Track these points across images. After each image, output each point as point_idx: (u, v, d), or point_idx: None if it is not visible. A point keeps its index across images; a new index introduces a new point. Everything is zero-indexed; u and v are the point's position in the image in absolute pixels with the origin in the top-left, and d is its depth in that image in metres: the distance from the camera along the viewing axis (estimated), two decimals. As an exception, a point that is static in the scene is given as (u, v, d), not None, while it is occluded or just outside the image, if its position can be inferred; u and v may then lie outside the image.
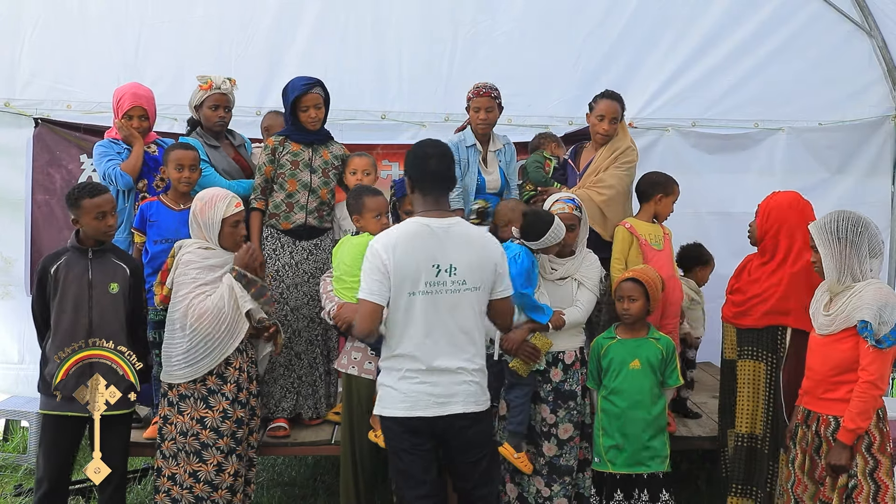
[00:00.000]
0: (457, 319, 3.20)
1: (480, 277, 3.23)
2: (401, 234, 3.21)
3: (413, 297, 3.16)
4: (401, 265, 3.14)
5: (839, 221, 3.40)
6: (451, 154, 3.34)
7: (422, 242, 3.18)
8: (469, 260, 3.21)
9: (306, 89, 4.35)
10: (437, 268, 3.17)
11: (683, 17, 5.98)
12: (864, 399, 3.31)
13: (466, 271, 3.20)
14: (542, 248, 3.93)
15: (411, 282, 3.15)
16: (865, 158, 6.14)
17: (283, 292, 4.40)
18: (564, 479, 3.95)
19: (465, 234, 3.26)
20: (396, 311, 3.18)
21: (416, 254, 3.16)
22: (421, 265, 3.16)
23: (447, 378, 3.19)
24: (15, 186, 5.63)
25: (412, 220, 3.25)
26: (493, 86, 4.55)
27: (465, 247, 3.22)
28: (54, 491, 3.88)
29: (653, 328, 4.05)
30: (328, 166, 4.48)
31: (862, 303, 3.31)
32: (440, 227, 3.21)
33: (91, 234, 3.86)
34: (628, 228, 4.39)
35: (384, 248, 3.16)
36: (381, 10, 5.90)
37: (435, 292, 3.17)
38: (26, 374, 5.73)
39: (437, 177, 3.25)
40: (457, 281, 3.19)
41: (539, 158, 4.73)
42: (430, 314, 3.17)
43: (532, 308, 3.89)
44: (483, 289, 3.26)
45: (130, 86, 4.56)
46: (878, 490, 3.35)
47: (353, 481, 4.04)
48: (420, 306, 3.17)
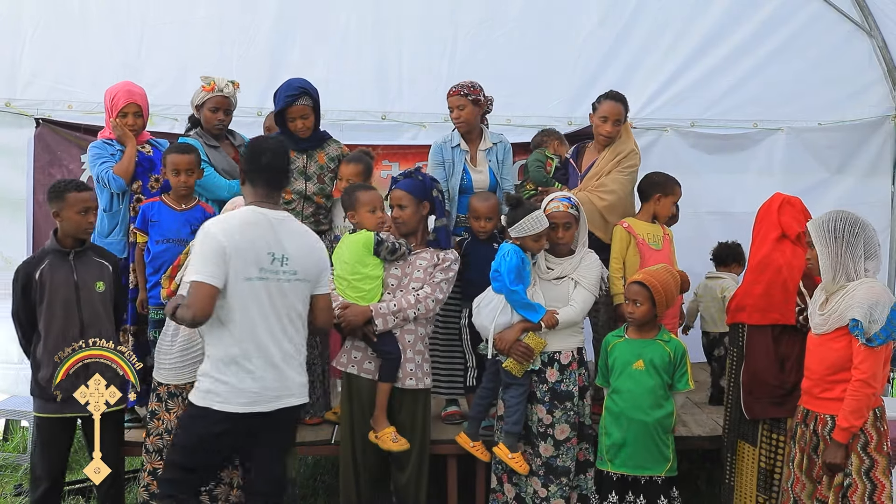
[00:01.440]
0: (286, 308, 3.26)
1: (308, 269, 3.33)
2: (236, 219, 3.25)
3: (249, 282, 3.18)
4: (240, 250, 3.16)
5: (837, 221, 3.41)
6: (285, 152, 3.40)
7: (258, 230, 3.23)
8: (300, 252, 3.30)
9: (290, 101, 4.34)
10: (271, 255, 3.23)
11: (683, 17, 6.00)
12: (857, 397, 3.31)
13: (297, 262, 3.28)
14: (520, 236, 3.91)
15: (247, 267, 3.17)
16: (865, 158, 6.15)
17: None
18: (561, 479, 3.94)
19: (296, 228, 3.38)
20: (231, 296, 3.17)
21: (255, 240, 3.20)
22: (258, 252, 3.20)
23: (282, 368, 3.24)
24: (16, 186, 5.65)
25: (248, 208, 3.31)
26: (466, 83, 4.52)
27: (296, 239, 3.32)
28: (52, 490, 3.93)
29: (664, 330, 4.02)
30: (324, 171, 4.47)
31: (853, 302, 3.32)
32: (276, 217, 3.28)
33: (71, 229, 3.85)
34: (626, 228, 4.40)
35: (223, 231, 3.18)
36: (382, 11, 5.92)
37: (269, 279, 3.22)
38: (26, 374, 5.65)
39: (269, 171, 3.30)
40: (288, 271, 3.26)
41: (540, 158, 4.71)
42: (263, 301, 3.21)
43: (523, 306, 3.89)
44: (310, 282, 3.35)
45: (123, 84, 4.55)
46: (874, 489, 3.35)
47: (353, 481, 4.04)
48: (255, 293, 3.19)
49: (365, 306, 3.93)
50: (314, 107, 4.41)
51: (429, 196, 4.11)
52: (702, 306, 5.19)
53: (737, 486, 4.04)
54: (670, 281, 3.95)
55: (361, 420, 4.00)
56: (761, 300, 3.91)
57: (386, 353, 3.96)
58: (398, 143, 5.91)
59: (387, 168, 5.75)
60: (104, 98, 4.53)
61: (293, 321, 3.30)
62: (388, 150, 5.80)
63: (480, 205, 4.30)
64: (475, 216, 4.32)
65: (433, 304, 4.01)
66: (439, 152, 4.58)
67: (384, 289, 4.02)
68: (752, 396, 3.94)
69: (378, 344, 3.96)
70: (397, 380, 3.97)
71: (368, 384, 3.98)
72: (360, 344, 4.01)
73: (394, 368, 3.96)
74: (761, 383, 3.90)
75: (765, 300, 3.90)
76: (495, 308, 3.94)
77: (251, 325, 3.19)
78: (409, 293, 3.98)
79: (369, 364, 4.00)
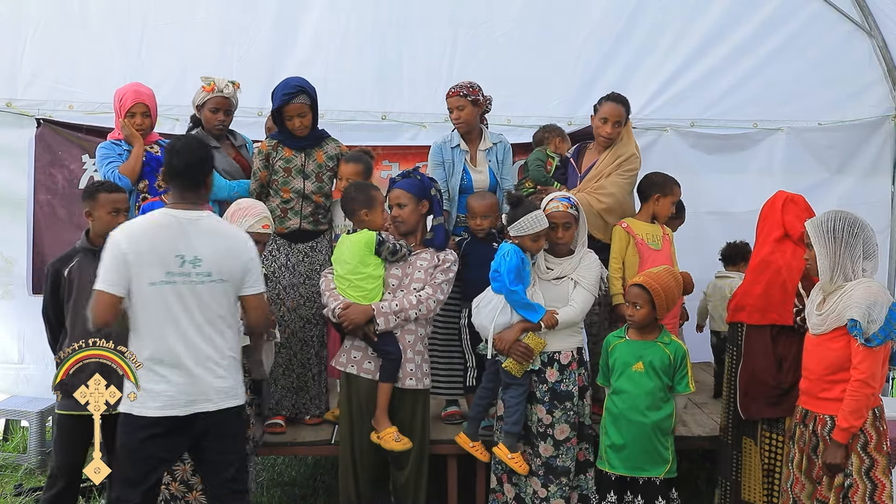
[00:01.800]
0: (203, 311, 3.20)
1: (227, 270, 3.24)
2: (144, 224, 3.23)
3: (154, 287, 3.14)
4: (141, 255, 3.13)
5: (836, 221, 3.41)
6: (197, 152, 3.30)
7: (165, 233, 3.18)
8: (215, 252, 3.22)
9: (287, 100, 4.32)
10: (180, 258, 3.16)
11: (683, 17, 5.98)
12: (856, 398, 3.31)
13: (211, 263, 3.20)
14: (518, 235, 3.91)
15: (151, 272, 3.13)
16: (865, 158, 6.14)
17: (279, 293, 4.42)
18: (561, 479, 3.95)
19: (214, 227, 3.28)
20: (137, 301, 3.16)
21: (159, 244, 3.16)
22: (163, 255, 3.15)
23: (196, 373, 3.17)
24: (17, 186, 5.65)
25: (159, 211, 3.29)
26: (465, 84, 4.53)
27: (211, 239, 3.23)
28: (68, 489, 3.95)
29: (665, 332, 4.01)
30: (322, 169, 4.46)
31: (851, 301, 3.32)
32: (187, 218, 3.22)
33: (101, 229, 3.85)
34: (625, 228, 4.41)
35: (125, 237, 3.16)
36: (382, 12, 5.92)
37: (178, 283, 3.16)
38: (26, 374, 5.75)
39: (178, 172, 3.27)
40: (201, 273, 3.18)
41: (541, 156, 4.71)
42: (173, 306, 3.16)
43: (522, 306, 3.89)
44: (231, 281, 3.26)
45: (132, 85, 4.58)
46: (874, 489, 3.35)
47: (352, 480, 4.05)
48: (162, 297, 3.15)
49: (367, 305, 3.94)
50: (312, 105, 4.40)
51: (427, 195, 4.12)
52: (711, 305, 5.20)
53: (744, 480, 4.03)
54: (672, 283, 3.94)
55: (360, 420, 4.01)
56: (760, 300, 3.92)
57: (386, 352, 3.97)
58: (398, 143, 5.91)
59: (387, 168, 5.75)
60: (113, 98, 4.55)
61: (213, 323, 3.22)
62: (388, 150, 5.80)
63: (476, 203, 4.31)
64: (471, 214, 4.33)
65: (434, 304, 4.02)
66: (439, 152, 4.58)
67: (384, 288, 4.03)
68: (749, 397, 3.95)
69: (379, 344, 3.97)
70: (397, 380, 3.97)
71: (368, 384, 3.99)
72: (359, 344, 4.02)
73: (394, 368, 3.97)
74: (759, 383, 3.91)
75: (764, 300, 3.90)
76: (495, 308, 3.94)
77: (160, 329, 3.15)
78: (411, 293, 3.98)
79: (369, 364, 4.00)
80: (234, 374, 3.30)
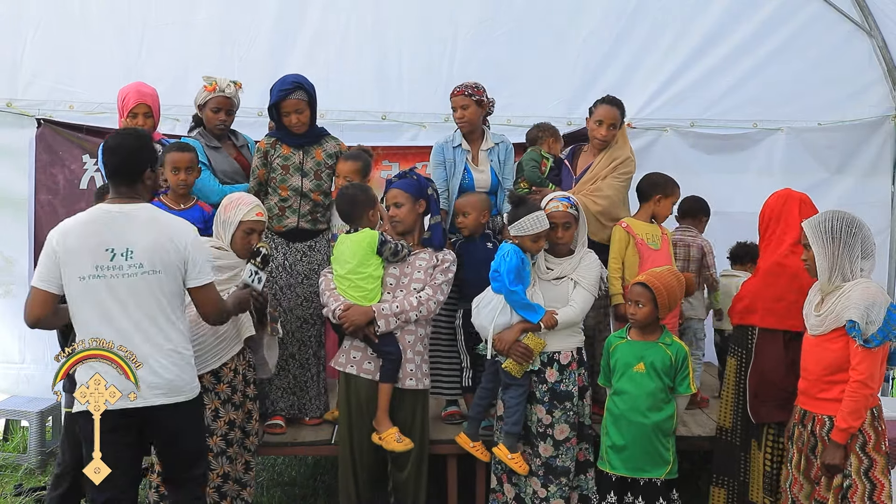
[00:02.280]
0: (140, 305, 3.15)
1: (161, 260, 3.17)
2: (76, 219, 3.21)
3: (84, 281, 3.12)
4: (70, 250, 3.13)
5: (834, 221, 3.41)
6: (129, 147, 3.24)
7: (96, 227, 3.17)
8: (148, 243, 3.16)
9: (283, 95, 4.30)
10: (111, 251, 3.13)
11: (683, 17, 5.99)
12: (855, 398, 3.31)
13: (144, 254, 3.15)
14: (519, 235, 3.92)
15: (81, 266, 3.12)
16: (865, 158, 6.14)
17: (276, 293, 4.41)
18: (561, 480, 3.95)
19: (150, 219, 3.22)
20: (69, 296, 3.16)
21: (88, 238, 3.14)
22: (92, 249, 3.13)
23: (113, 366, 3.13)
24: (17, 186, 5.67)
25: (94, 207, 3.27)
26: (470, 84, 4.52)
27: (145, 230, 3.18)
28: (72, 488, 3.97)
29: (667, 332, 4.01)
30: (321, 167, 4.45)
31: (850, 302, 3.32)
32: (121, 211, 3.18)
33: None
34: (625, 228, 4.41)
35: (58, 235, 3.17)
36: (382, 12, 5.92)
37: (109, 276, 3.12)
38: (27, 374, 5.76)
39: (111, 170, 3.25)
40: (133, 265, 3.14)
41: (536, 157, 4.71)
42: (106, 300, 3.13)
43: (522, 307, 3.89)
44: (167, 273, 3.19)
45: (134, 84, 4.57)
46: (873, 489, 3.35)
47: (352, 480, 4.05)
48: (93, 291, 3.13)
49: (367, 307, 3.94)
50: (310, 101, 4.38)
51: (424, 195, 4.13)
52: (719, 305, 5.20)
53: (751, 481, 4.01)
54: (674, 283, 3.94)
55: (360, 420, 4.01)
56: (777, 305, 3.86)
57: (387, 353, 3.97)
58: (398, 143, 5.91)
59: (387, 168, 5.75)
60: (116, 98, 4.55)
61: (151, 317, 3.17)
62: (387, 150, 5.81)
63: (459, 200, 4.31)
64: (456, 211, 4.33)
65: (434, 305, 4.03)
66: (440, 152, 4.59)
67: (383, 288, 4.03)
68: (758, 399, 3.91)
69: (379, 344, 3.97)
70: (398, 380, 3.98)
71: (367, 384, 3.99)
72: (359, 344, 4.02)
73: (395, 369, 3.97)
74: (769, 385, 3.87)
75: (781, 305, 3.84)
76: (494, 308, 3.94)
77: (93, 324, 3.14)
78: (411, 294, 3.99)
79: (369, 364, 4.01)
80: (176, 369, 3.21)
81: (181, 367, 3.25)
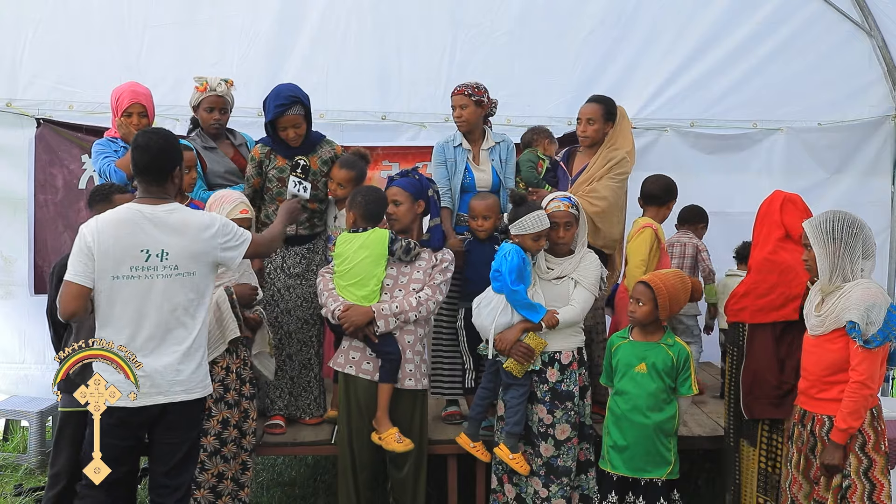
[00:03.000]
0: (167, 305, 3.21)
1: (195, 261, 3.26)
2: (109, 218, 3.23)
3: (117, 280, 3.17)
4: (105, 248, 3.15)
5: (835, 222, 3.40)
6: (157, 146, 3.27)
7: (130, 227, 3.19)
8: (183, 245, 3.23)
9: (281, 112, 4.25)
10: (146, 252, 3.18)
11: (682, 17, 5.99)
12: (854, 399, 3.31)
13: (179, 257, 3.22)
14: (520, 234, 3.92)
15: (115, 265, 3.16)
16: (865, 158, 6.14)
17: (274, 294, 4.42)
18: (562, 479, 3.95)
19: (182, 220, 3.27)
20: (99, 293, 3.18)
21: (123, 238, 3.17)
22: (127, 249, 3.17)
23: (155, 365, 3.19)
24: (17, 186, 5.66)
25: (125, 206, 3.28)
26: (471, 84, 4.51)
27: (180, 232, 3.24)
28: (69, 488, 3.96)
29: (669, 333, 4.01)
30: (317, 176, 4.41)
31: (850, 303, 3.32)
32: (153, 212, 3.22)
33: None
34: (655, 230, 4.42)
35: (91, 231, 3.19)
36: (382, 12, 5.92)
37: (144, 277, 3.18)
38: (26, 374, 5.76)
39: (141, 168, 3.27)
40: (169, 266, 3.21)
41: (533, 158, 4.71)
42: (137, 299, 3.18)
43: (524, 306, 3.90)
44: (200, 272, 3.27)
45: (129, 84, 4.57)
46: (873, 489, 3.36)
47: (351, 480, 4.05)
48: (126, 291, 3.17)
49: (367, 307, 3.94)
50: (306, 115, 4.33)
51: (424, 195, 4.13)
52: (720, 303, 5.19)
53: (743, 485, 4.04)
54: (678, 286, 3.94)
55: (359, 420, 4.01)
56: (764, 299, 3.90)
57: (386, 353, 3.97)
58: (398, 143, 5.91)
59: (387, 168, 5.75)
60: (110, 97, 4.55)
61: (177, 317, 3.24)
62: (387, 150, 5.81)
63: (477, 203, 4.32)
64: (472, 215, 4.34)
65: (434, 306, 4.03)
66: (442, 151, 4.58)
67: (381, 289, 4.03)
68: (752, 396, 3.94)
69: (378, 345, 3.97)
70: (397, 380, 3.98)
71: (366, 384, 3.99)
72: (357, 344, 4.02)
73: (394, 369, 3.97)
74: (762, 382, 3.90)
75: (768, 299, 3.89)
76: (496, 308, 3.95)
77: (122, 322, 3.18)
78: (411, 295, 3.99)
79: (367, 364, 4.01)
80: (193, 367, 3.28)
81: (199, 365, 3.32)
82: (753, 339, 3.95)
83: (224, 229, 3.35)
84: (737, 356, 4.05)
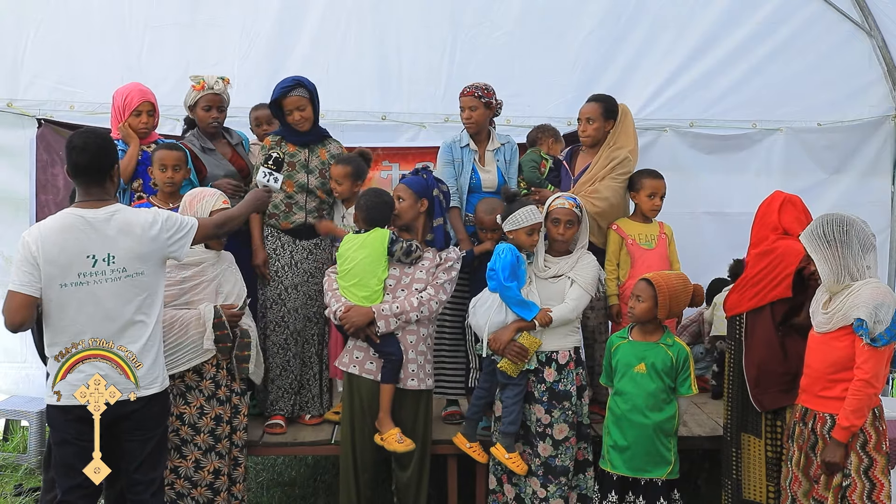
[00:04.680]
0: (121, 308, 3.22)
1: (142, 261, 3.25)
2: (52, 225, 3.22)
3: (65, 288, 3.16)
4: (50, 256, 3.14)
5: (824, 225, 3.42)
6: (95, 146, 3.25)
7: (75, 233, 3.18)
8: (128, 248, 3.22)
9: (284, 93, 4.34)
10: (92, 258, 3.17)
11: (682, 17, 5.98)
12: (858, 397, 3.32)
13: (125, 259, 3.22)
14: (513, 229, 3.94)
15: (62, 273, 3.15)
16: (865, 159, 6.13)
17: (281, 293, 4.43)
18: (560, 479, 3.95)
19: (125, 222, 3.25)
20: (49, 302, 3.18)
21: (68, 245, 3.16)
22: (73, 256, 3.16)
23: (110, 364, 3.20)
24: (17, 186, 5.65)
25: (66, 212, 3.26)
26: (481, 85, 4.53)
27: (124, 234, 3.23)
28: None
29: (668, 333, 4.01)
30: (325, 166, 4.47)
31: (859, 301, 3.32)
32: (95, 216, 3.21)
33: None
34: (615, 230, 4.49)
35: (35, 239, 3.18)
36: (382, 12, 5.92)
37: (92, 283, 3.18)
38: (27, 374, 5.75)
39: (79, 169, 3.25)
40: (116, 269, 3.20)
41: (535, 158, 4.73)
42: (89, 305, 3.18)
43: (517, 303, 3.90)
44: (148, 271, 3.27)
45: (133, 84, 4.57)
46: (872, 488, 3.36)
47: (353, 481, 4.05)
48: (76, 297, 3.17)
49: (367, 308, 3.95)
50: (311, 99, 4.40)
51: (428, 194, 4.13)
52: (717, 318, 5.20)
53: (745, 479, 4.02)
54: (679, 288, 3.94)
55: (362, 420, 4.02)
56: (759, 284, 3.90)
57: (388, 354, 3.98)
58: (398, 143, 5.91)
59: (387, 169, 5.75)
60: (114, 98, 4.53)
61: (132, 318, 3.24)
62: (388, 150, 5.80)
63: (486, 217, 4.30)
64: (480, 226, 4.34)
65: (436, 305, 4.03)
66: (449, 151, 4.59)
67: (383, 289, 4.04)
68: (760, 388, 3.91)
69: (380, 345, 3.97)
70: (399, 381, 3.98)
71: (369, 384, 4.00)
72: (361, 344, 4.03)
73: (396, 370, 3.97)
74: (767, 372, 3.87)
75: (763, 283, 3.89)
76: (490, 307, 3.95)
77: (74, 325, 3.18)
78: (412, 295, 3.99)
79: (371, 364, 4.01)
80: (149, 363, 3.29)
81: (154, 360, 3.32)
82: (754, 329, 3.93)
83: (167, 223, 3.34)
84: (736, 350, 4.04)
